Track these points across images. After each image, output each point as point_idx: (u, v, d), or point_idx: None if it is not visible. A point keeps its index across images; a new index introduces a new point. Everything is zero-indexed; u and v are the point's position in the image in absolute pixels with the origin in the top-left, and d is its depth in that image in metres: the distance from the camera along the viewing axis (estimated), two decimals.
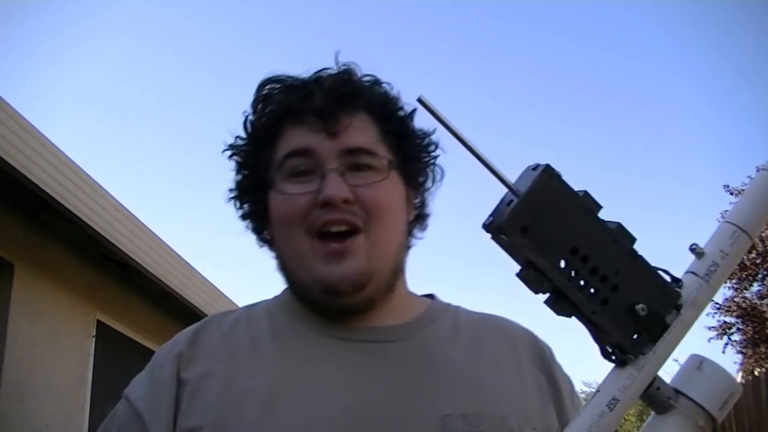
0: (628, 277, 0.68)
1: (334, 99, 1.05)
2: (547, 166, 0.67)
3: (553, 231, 0.66)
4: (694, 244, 0.70)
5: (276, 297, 1.15)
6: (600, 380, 0.71)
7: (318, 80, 1.08)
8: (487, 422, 0.98)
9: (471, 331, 1.12)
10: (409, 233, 1.12)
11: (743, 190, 16.86)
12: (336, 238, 1.01)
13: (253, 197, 1.11)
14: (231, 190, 1.13)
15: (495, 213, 0.68)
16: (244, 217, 1.13)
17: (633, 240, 0.69)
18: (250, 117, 1.11)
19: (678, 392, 0.69)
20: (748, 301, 17.03)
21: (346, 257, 1.01)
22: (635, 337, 0.68)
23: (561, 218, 0.67)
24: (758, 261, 16.86)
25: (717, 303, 17.27)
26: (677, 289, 0.69)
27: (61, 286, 5.85)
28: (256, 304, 1.15)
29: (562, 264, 0.67)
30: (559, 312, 0.68)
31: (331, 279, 1.02)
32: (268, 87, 1.11)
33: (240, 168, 1.12)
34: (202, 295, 7.33)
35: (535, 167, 0.68)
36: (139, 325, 6.95)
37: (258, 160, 1.09)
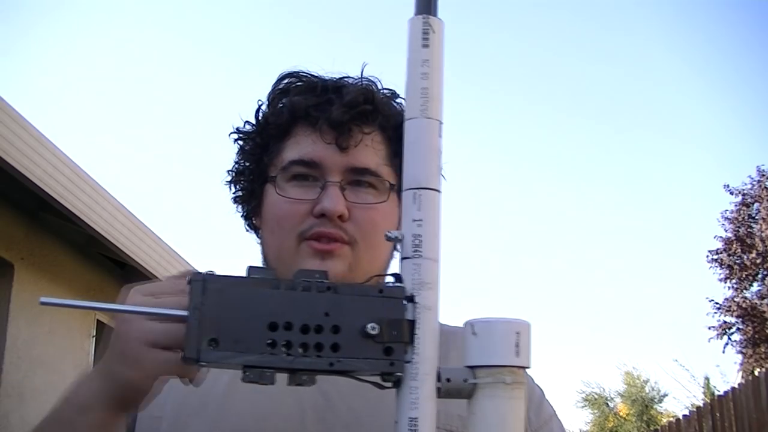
0: (341, 311, 0.66)
1: (352, 114, 1.04)
2: (194, 274, 0.65)
3: (242, 324, 0.64)
4: (386, 232, 0.69)
5: None
6: (599, 380, 0.66)
7: (338, 89, 1.07)
8: (443, 418, 0.97)
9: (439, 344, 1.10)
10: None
11: (741, 189, 16.60)
12: (324, 239, 1.02)
13: (250, 185, 1.12)
14: (229, 172, 1.14)
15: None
16: (236, 200, 1.14)
17: (323, 274, 0.67)
18: (264, 108, 1.11)
19: (471, 368, 0.66)
20: (748, 301, 17.02)
21: (331, 257, 1.01)
22: (390, 354, 0.66)
23: (240, 308, 0.65)
24: (758, 261, 16.85)
25: (717, 303, 17.29)
26: (398, 285, 0.67)
27: (61, 286, 5.87)
28: None
29: (271, 346, 0.64)
30: (300, 383, 0.65)
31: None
32: (286, 81, 1.11)
33: (243, 154, 1.13)
34: None
35: (189, 281, 0.65)
36: None
37: (263, 152, 1.10)
